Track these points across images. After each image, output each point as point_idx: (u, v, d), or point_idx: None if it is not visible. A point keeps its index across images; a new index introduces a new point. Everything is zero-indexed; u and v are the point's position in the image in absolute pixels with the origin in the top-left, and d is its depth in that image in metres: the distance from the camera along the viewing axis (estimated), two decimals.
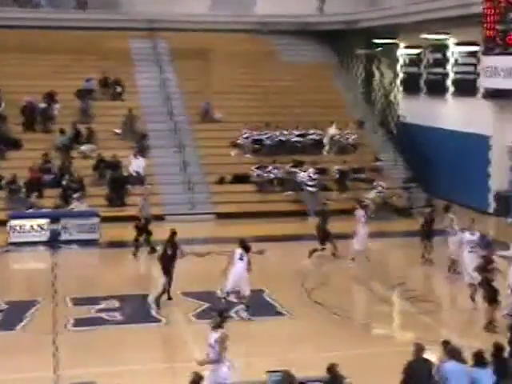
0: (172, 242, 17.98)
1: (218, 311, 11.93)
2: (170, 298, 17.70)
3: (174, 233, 18.14)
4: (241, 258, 16.92)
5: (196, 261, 21.75)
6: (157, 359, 14.72)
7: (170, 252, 17.85)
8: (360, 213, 21.45)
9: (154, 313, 17.01)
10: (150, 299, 17.59)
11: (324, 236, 21.32)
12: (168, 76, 33.00)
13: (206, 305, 17.44)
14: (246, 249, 17.15)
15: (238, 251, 16.99)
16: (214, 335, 11.62)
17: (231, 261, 16.98)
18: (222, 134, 30.42)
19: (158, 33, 34.39)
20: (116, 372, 13.80)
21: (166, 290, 17.68)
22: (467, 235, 17.78)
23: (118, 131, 29.76)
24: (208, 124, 31.17)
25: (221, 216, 26.13)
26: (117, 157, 27.51)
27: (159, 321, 16.64)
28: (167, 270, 17.73)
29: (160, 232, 22.78)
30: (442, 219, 20.39)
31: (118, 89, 31.68)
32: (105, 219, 24.00)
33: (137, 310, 17.41)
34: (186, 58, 33.28)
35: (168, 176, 27.87)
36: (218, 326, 11.69)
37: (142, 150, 28.59)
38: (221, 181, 28.37)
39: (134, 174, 27.53)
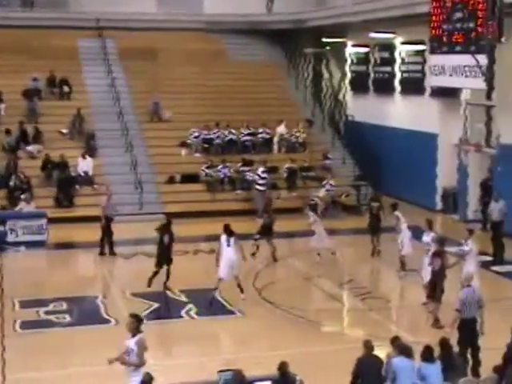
0: (169, 231, 18.68)
1: (133, 315, 11.85)
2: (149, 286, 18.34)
3: (170, 222, 19.00)
4: (228, 245, 17.39)
5: (146, 261, 21.63)
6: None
7: (166, 240, 18.49)
8: (310, 212, 21.56)
9: (103, 314, 16.87)
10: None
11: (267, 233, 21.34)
12: (117, 75, 32.70)
13: (156, 305, 17.36)
14: (231, 234, 17.54)
15: (224, 238, 17.46)
16: (133, 339, 11.47)
17: (219, 250, 17.49)
18: (171, 134, 30.28)
19: (106, 32, 34.05)
20: (66, 374, 13.65)
21: (152, 277, 18.34)
22: (424, 237, 17.92)
23: (65, 131, 29.43)
24: (157, 123, 31.01)
25: (170, 216, 25.90)
26: (64, 157, 27.18)
27: (108, 322, 16.49)
28: (166, 258, 18.40)
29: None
30: (390, 216, 20.57)
31: (66, 88, 31.31)
32: (53, 220, 23.70)
33: (86, 311, 17.23)
34: (135, 57, 33.02)
35: (117, 176, 27.63)
36: (136, 330, 11.54)
37: (90, 150, 28.31)
38: (170, 180, 28.24)
39: (82, 175, 27.27)
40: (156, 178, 28.31)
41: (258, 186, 27.13)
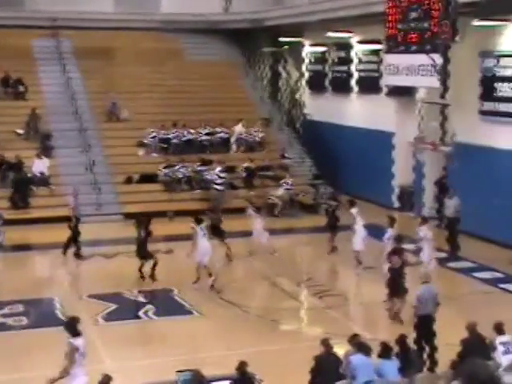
0: (146, 227, 19.32)
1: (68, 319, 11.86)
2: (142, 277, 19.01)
3: (149, 218, 19.82)
4: (204, 234, 18.52)
5: (103, 262, 21.51)
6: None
7: (143, 235, 19.25)
8: (251, 211, 21.58)
9: (60, 316, 16.71)
10: None
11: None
12: (72, 75, 32.43)
13: (114, 306, 17.25)
14: (201, 222, 18.63)
15: (199, 228, 18.52)
16: (80, 341, 11.44)
17: (195, 239, 18.34)
18: (128, 134, 30.10)
19: (61, 31, 33.72)
20: (25, 378, 13.49)
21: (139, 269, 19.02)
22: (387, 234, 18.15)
23: (20, 131, 29.08)
24: (114, 123, 30.82)
25: (128, 216, 25.78)
26: (20, 157, 26.86)
27: None
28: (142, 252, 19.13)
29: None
30: (347, 214, 20.75)
31: (21, 88, 30.94)
32: (8, 222, 23.36)
33: (43, 313, 17.05)
34: (91, 56, 32.75)
35: (73, 176, 27.34)
36: (76, 333, 11.51)
37: (45, 150, 28.01)
38: (128, 181, 28.07)
39: (38, 175, 26.97)
40: (113, 178, 28.12)
41: (216, 186, 27.09)
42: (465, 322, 12.47)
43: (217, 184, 27.09)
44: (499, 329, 11.97)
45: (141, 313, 16.96)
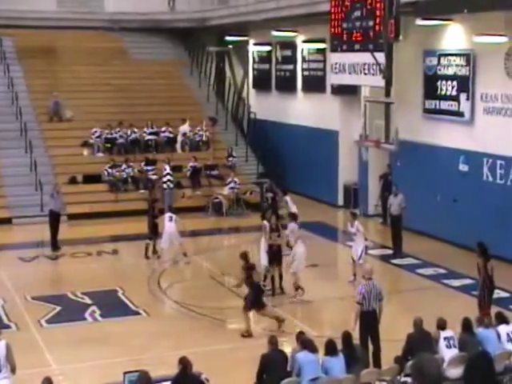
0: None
1: None
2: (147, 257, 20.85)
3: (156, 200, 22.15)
4: (170, 220, 20.41)
5: (47, 264, 21.27)
6: None
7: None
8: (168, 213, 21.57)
9: (4, 319, 16.45)
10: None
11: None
12: (15, 75, 31.91)
13: (59, 308, 17.05)
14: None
15: (168, 215, 20.48)
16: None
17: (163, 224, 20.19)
18: (72, 133, 29.80)
19: (3, 30, 33.13)
20: None
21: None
22: (349, 228, 18.79)
23: None
24: (58, 123, 30.45)
25: (72, 217, 25.55)
26: None
27: (8, 327, 16.03)
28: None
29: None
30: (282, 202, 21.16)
31: None
32: None
33: None
34: (34, 56, 32.39)
35: (16, 177, 26.98)
36: None
37: None
38: (72, 181, 27.75)
39: None
40: (57, 178, 27.72)
41: (163, 185, 26.94)
42: (409, 318, 12.62)
43: (164, 183, 26.93)
44: (441, 324, 12.14)
45: (86, 314, 16.80)
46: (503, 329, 12.36)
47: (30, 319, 16.41)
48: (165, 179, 26.98)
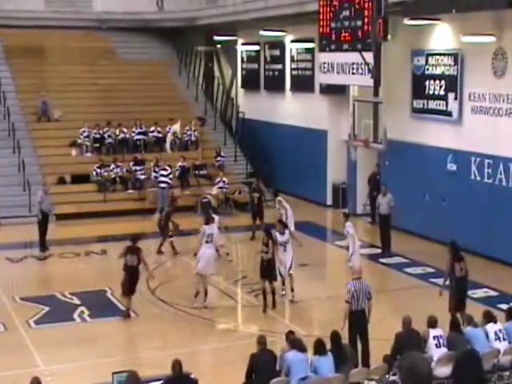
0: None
1: None
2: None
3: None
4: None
5: (36, 264, 21.22)
6: None
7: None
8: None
9: None
10: None
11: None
12: (2, 74, 31.82)
13: (47, 309, 17.00)
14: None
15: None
16: None
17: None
18: (61, 133, 29.70)
19: None
20: None
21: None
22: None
23: None
24: (46, 123, 30.35)
25: (61, 217, 25.49)
26: None
27: None
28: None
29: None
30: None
31: None
32: None
33: None
34: (22, 55, 32.27)
35: (3, 178, 26.87)
36: None
37: None
38: (60, 181, 27.67)
39: None
40: (45, 179, 27.64)
41: (160, 184, 26.93)
42: (397, 317, 12.65)
43: (161, 182, 26.90)
44: (432, 323, 12.17)
45: (75, 315, 16.75)
46: (491, 327, 12.40)
47: (19, 320, 16.36)
48: (160, 179, 26.93)
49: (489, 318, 12.63)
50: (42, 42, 33.31)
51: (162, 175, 26.97)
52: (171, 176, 27.08)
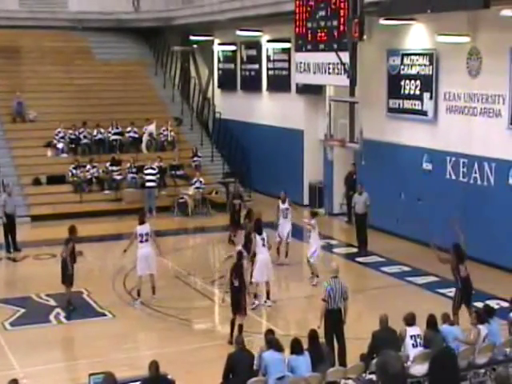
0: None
1: None
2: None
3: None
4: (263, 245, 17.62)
5: (11, 265, 21.08)
6: None
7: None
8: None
9: None
10: None
11: None
12: None
13: (23, 310, 16.89)
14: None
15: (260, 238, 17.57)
16: None
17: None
18: (36, 134, 29.53)
19: None
20: None
21: None
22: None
23: None
24: (21, 124, 30.17)
25: (36, 218, 25.35)
26: None
27: None
28: None
29: None
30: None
31: None
32: None
33: None
34: None
35: None
36: None
37: None
38: (35, 182, 27.50)
39: None
40: (21, 179, 27.50)
41: (148, 184, 26.85)
42: (374, 316, 12.71)
43: (149, 181, 26.83)
44: (409, 320, 12.21)
45: (51, 316, 16.65)
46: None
47: None
48: (147, 178, 26.86)
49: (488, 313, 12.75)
50: (17, 41, 33.13)
51: (151, 174, 26.95)
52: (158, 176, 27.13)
